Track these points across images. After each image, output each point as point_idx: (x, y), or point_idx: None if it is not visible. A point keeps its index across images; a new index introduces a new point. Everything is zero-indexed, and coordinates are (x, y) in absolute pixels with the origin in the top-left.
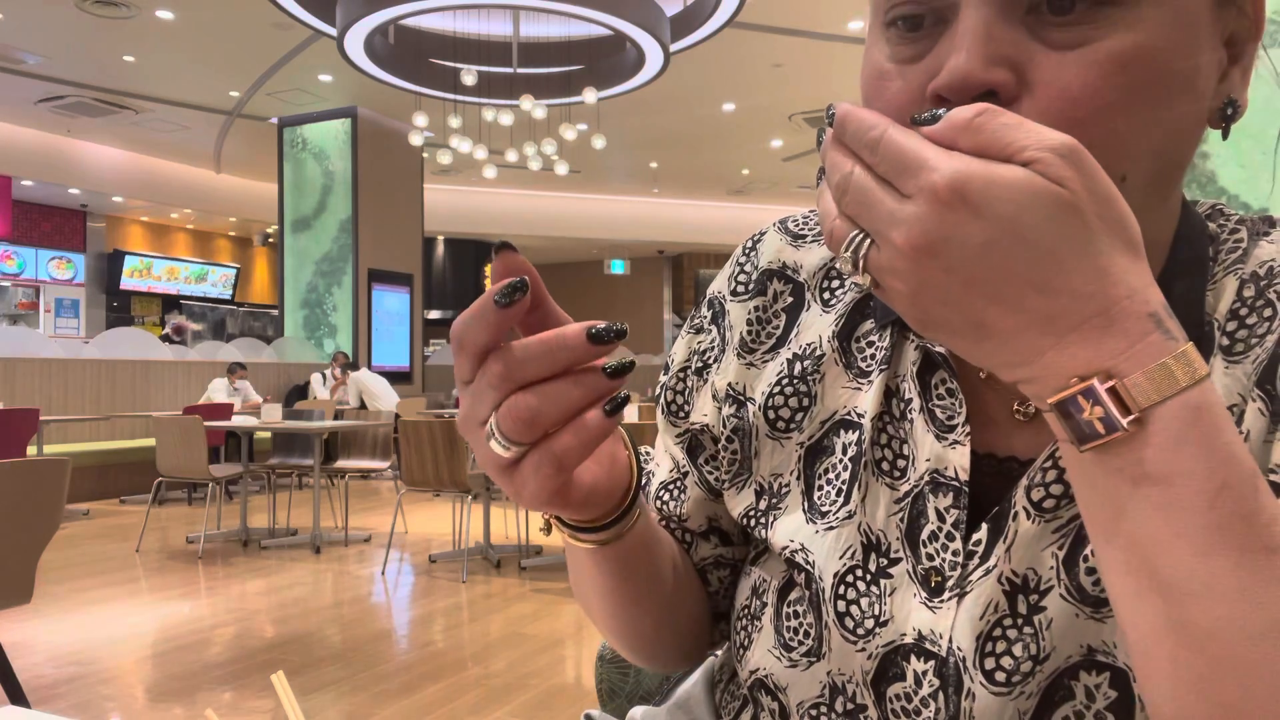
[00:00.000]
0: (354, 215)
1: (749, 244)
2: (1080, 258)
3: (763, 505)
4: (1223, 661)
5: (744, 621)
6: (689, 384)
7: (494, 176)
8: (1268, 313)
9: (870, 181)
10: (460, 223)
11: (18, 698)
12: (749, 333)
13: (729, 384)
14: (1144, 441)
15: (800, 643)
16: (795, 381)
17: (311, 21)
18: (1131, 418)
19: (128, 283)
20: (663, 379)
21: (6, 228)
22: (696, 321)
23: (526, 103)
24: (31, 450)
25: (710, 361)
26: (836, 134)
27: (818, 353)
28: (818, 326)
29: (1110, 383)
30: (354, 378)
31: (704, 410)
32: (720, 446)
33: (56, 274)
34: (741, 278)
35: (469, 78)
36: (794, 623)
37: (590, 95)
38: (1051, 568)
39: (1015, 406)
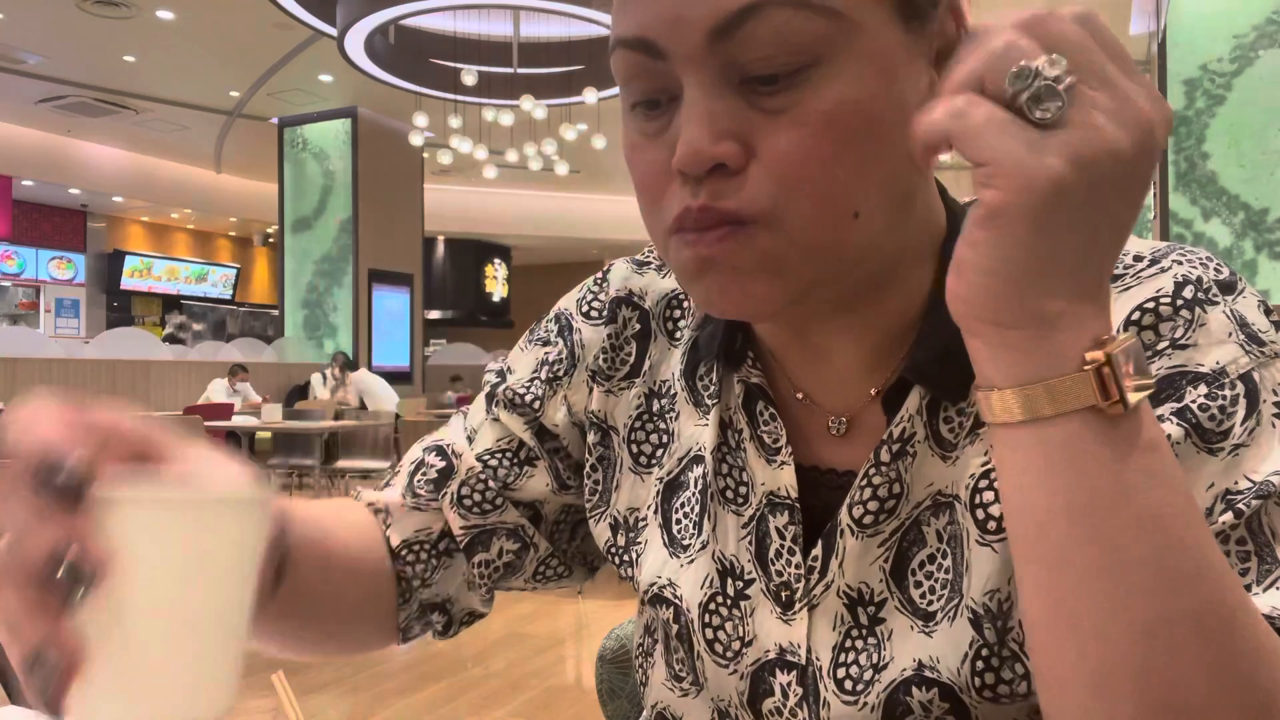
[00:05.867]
0: (354, 215)
1: (599, 275)
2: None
3: (621, 541)
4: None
5: (640, 659)
6: (538, 390)
7: (494, 176)
8: None
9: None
10: (460, 223)
11: (18, 698)
12: (605, 360)
13: (591, 411)
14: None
15: (685, 674)
16: (655, 419)
17: (312, 21)
18: (1141, 380)
19: (128, 283)
20: (494, 380)
21: (7, 228)
22: (541, 335)
23: (527, 103)
24: None
25: (560, 374)
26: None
27: (671, 391)
28: (669, 362)
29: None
30: (354, 378)
31: (555, 420)
32: (585, 474)
33: (57, 274)
34: (596, 304)
35: (469, 78)
36: (679, 654)
37: (590, 95)
38: (881, 580)
39: (828, 423)
